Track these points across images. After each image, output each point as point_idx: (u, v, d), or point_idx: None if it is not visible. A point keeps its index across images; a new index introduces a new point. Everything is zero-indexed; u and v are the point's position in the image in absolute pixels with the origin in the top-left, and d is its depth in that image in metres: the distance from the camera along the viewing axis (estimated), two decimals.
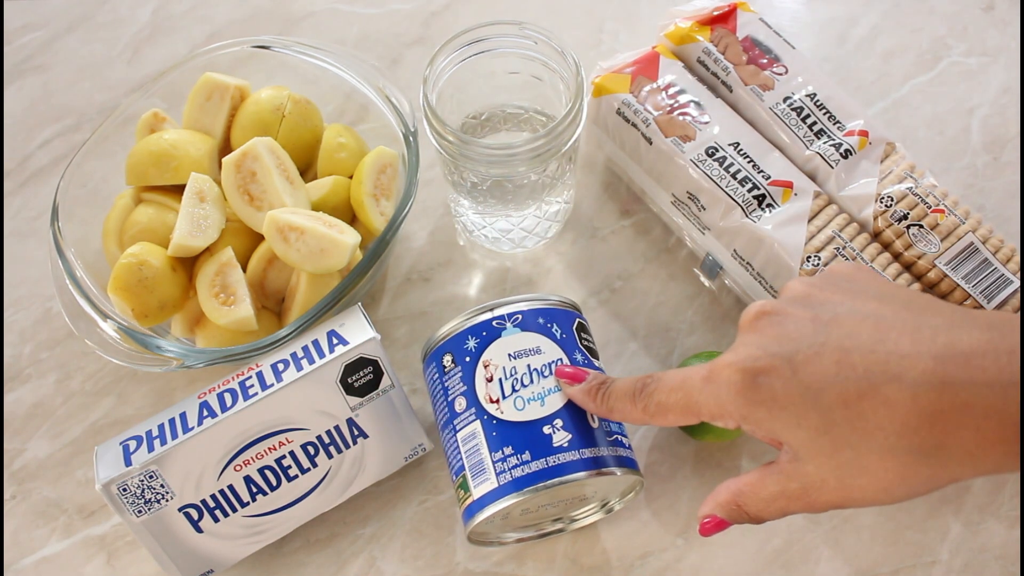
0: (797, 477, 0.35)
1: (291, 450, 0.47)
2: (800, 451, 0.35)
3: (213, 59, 0.59)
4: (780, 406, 0.34)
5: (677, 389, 0.38)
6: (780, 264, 0.51)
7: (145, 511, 0.45)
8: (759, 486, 0.37)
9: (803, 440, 0.34)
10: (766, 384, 0.34)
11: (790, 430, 0.34)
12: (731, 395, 0.35)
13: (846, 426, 0.33)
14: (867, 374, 0.33)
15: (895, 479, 0.33)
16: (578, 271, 0.60)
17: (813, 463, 0.34)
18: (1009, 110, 0.64)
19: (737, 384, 0.35)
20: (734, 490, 0.38)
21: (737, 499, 0.38)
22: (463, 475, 0.44)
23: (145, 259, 0.51)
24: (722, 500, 0.38)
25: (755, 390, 0.35)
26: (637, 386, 0.40)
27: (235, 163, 0.53)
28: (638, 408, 0.40)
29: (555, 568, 0.50)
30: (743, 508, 0.38)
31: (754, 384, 0.35)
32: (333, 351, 0.47)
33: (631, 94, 0.57)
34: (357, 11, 0.72)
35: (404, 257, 0.61)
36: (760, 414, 0.35)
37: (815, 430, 0.34)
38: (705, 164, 0.54)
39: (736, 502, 0.38)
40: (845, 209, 0.53)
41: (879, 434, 0.32)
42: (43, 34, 0.73)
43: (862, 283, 0.37)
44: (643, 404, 0.40)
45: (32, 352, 0.60)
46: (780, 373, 0.34)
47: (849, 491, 0.34)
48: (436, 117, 0.49)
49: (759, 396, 0.35)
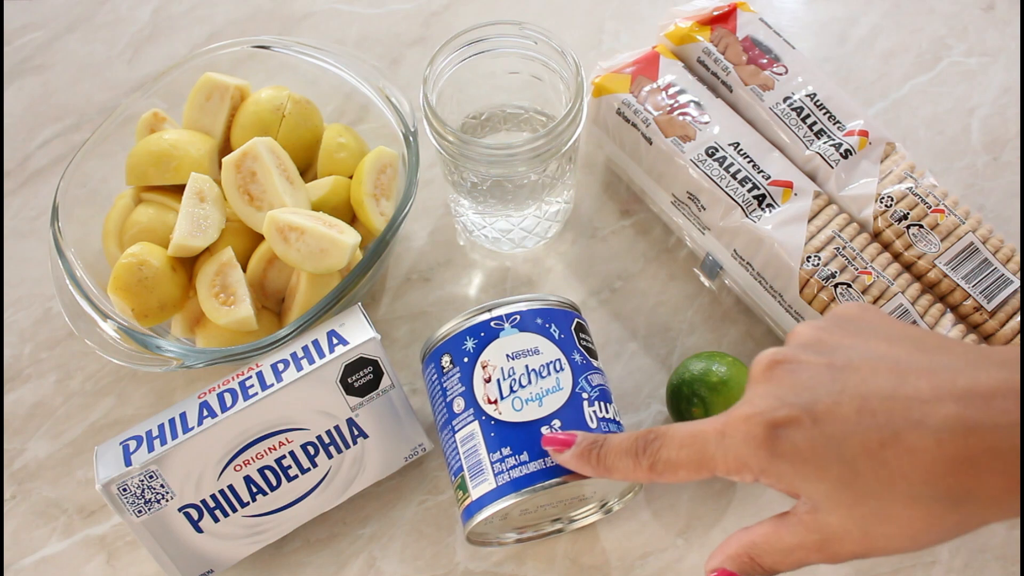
0: (817, 528, 0.34)
1: (291, 450, 0.47)
2: (821, 503, 0.33)
3: (213, 59, 0.59)
4: (802, 459, 0.33)
5: (687, 445, 0.36)
6: (780, 264, 0.51)
7: (145, 511, 0.45)
8: (774, 538, 0.35)
9: (825, 492, 0.33)
10: (787, 436, 0.33)
11: (811, 483, 0.33)
12: (751, 449, 0.34)
13: (870, 476, 0.32)
14: (888, 421, 0.32)
15: (922, 527, 0.32)
16: (578, 271, 0.60)
17: (835, 514, 0.33)
18: (1009, 110, 0.64)
19: (758, 438, 0.33)
20: (746, 542, 0.36)
21: (750, 551, 0.36)
22: (462, 475, 0.44)
23: (145, 259, 0.51)
24: (733, 553, 0.37)
25: (776, 443, 0.33)
26: (639, 444, 0.38)
27: (235, 163, 0.53)
28: (643, 467, 0.38)
29: (555, 568, 0.50)
30: (756, 560, 0.36)
31: (775, 437, 0.33)
32: (333, 351, 0.47)
33: (631, 94, 0.57)
34: (357, 11, 0.72)
35: (404, 257, 0.61)
36: (782, 468, 0.33)
37: (837, 481, 0.32)
38: (705, 164, 0.54)
39: (749, 555, 0.36)
40: (845, 209, 0.53)
41: (904, 482, 0.31)
42: (43, 34, 0.74)
43: (870, 323, 0.36)
44: (649, 462, 0.38)
45: (32, 352, 0.60)
46: (801, 424, 0.33)
47: (873, 540, 0.33)
48: (436, 117, 0.49)
49: (781, 449, 0.33)
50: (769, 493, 0.51)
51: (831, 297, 0.49)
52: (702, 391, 0.49)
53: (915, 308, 0.49)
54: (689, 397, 0.50)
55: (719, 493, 0.52)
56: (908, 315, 0.49)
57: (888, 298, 0.49)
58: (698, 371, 0.50)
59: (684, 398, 0.50)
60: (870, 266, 0.50)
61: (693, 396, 0.50)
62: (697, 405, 0.49)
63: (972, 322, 0.50)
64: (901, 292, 0.49)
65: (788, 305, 0.52)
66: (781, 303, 0.52)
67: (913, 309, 0.49)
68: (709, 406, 0.49)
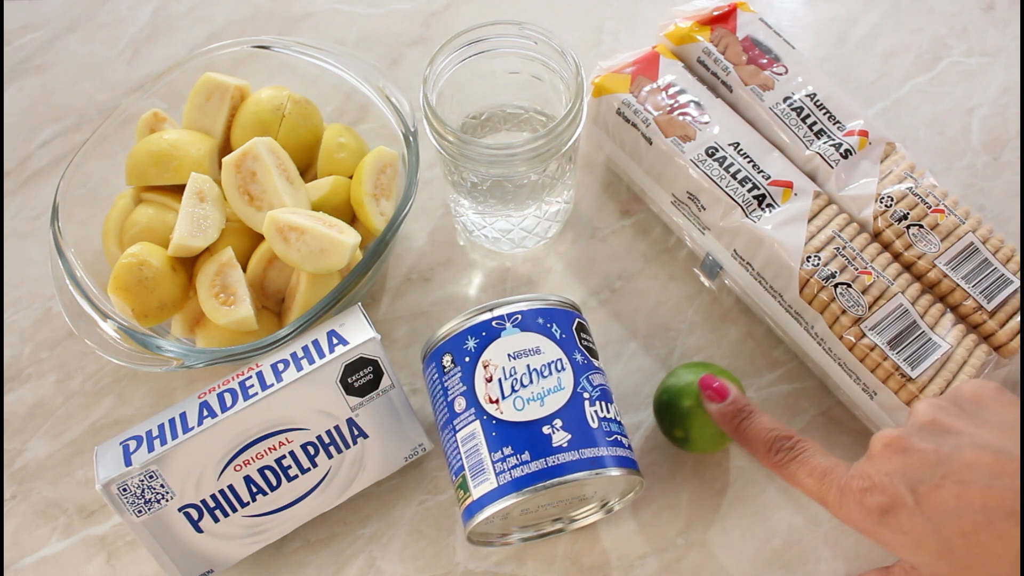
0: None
1: (291, 450, 0.47)
2: (921, 568, 0.39)
3: (213, 59, 0.59)
4: (903, 532, 0.38)
5: (817, 478, 0.41)
6: (780, 264, 0.51)
7: (145, 511, 0.45)
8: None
9: (924, 560, 0.38)
10: (892, 514, 0.38)
11: (911, 551, 0.38)
12: (860, 515, 0.39)
13: (965, 553, 0.36)
14: (984, 508, 0.36)
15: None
16: (578, 271, 0.60)
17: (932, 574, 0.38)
18: (1009, 110, 0.64)
19: (868, 509, 0.39)
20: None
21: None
22: (463, 475, 0.44)
23: (145, 259, 0.51)
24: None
25: (883, 517, 0.38)
26: (777, 444, 0.43)
27: (235, 163, 0.53)
28: (771, 461, 0.43)
29: (555, 568, 0.50)
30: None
31: (883, 512, 0.38)
32: (333, 351, 0.47)
33: (631, 94, 0.57)
34: (357, 11, 0.72)
35: (404, 257, 0.61)
36: (885, 536, 0.39)
37: (936, 554, 0.37)
38: (705, 164, 0.54)
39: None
40: (845, 209, 0.53)
41: (996, 562, 0.36)
42: (43, 34, 0.73)
43: (987, 407, 0.40)
44: (777, 461, 0.43)
45: (32, 352, 0.60)
46: (904, 505, 0.38)
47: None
48: (436, 117, 0.49)
49: (884, 522, 0.38)
50: (769, 494, 0.51)
51: (831, 297, 0.49)
52: (679, 414, 0.49)
53: (915, 308, 0.49)
54: (670, 419, 0.50)
55: (718, 493, 0.52)
56: (908, 315, 0.49)
57: (888, 298, 0.49)
58: (675, 391, 0.49)
59: (665, 419, 0.50)
60: (870, 266, 0.50)
61: (673, 418, 0.50)
62: (678, 427, 0.49)
63: (972, 322, 0.50)
64: (901, 292, 0.49)
65: (788, 305, 0.52)
66: (781, 303, 0.52)
67: (913, 309, 0.49)
68: (688, 428, 0.49)
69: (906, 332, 0.49)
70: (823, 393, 0.54)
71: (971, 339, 0.49)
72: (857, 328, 0.49)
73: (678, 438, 0.50)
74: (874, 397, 0.49)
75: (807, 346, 0.53)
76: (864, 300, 0.49)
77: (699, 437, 0.49)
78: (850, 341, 0.49)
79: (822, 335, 0.51)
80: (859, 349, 0.49)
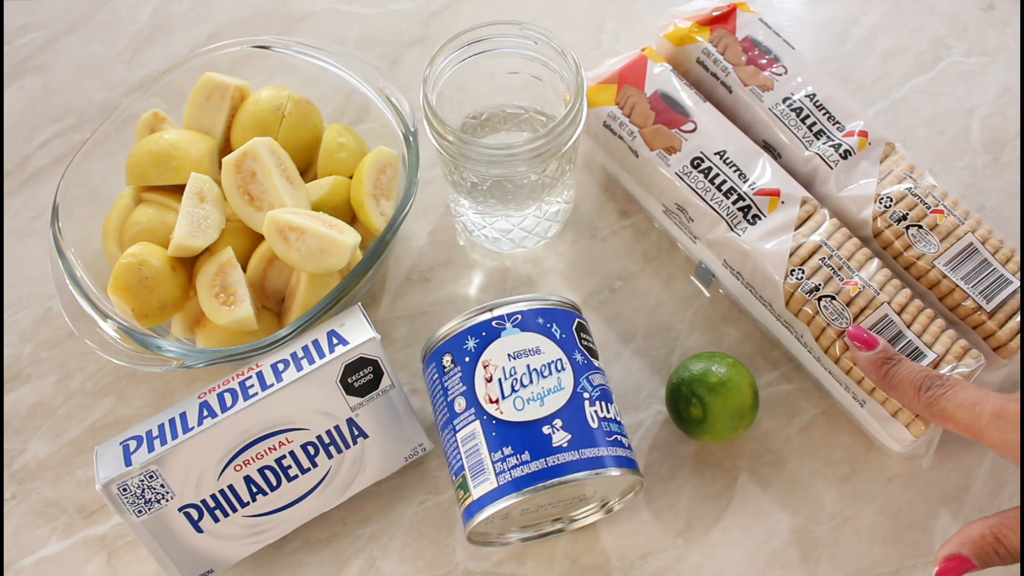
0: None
1: (291, 450, 0.47)
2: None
3: (213, 59, 0.59)
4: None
5: (967, 408, 0.41)
6: (766, 277, 0.51)
7: (145, 511, 0.45)
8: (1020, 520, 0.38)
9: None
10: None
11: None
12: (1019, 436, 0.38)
13: None
14: None
15: None
16: (578, 271, 0.60)
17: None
18: (1009, 110, 0.64)
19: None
20: (991, 523, 0.39)
21: (996, 531, 0.39)
22: (463, 475, 0.44)
23: (145, 259, 0.51)
24: (976, 535, 0.39)
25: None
26: (927, 382, 0.43)
27: (235, 163, 0.53)
28: (920, 402, 0.43)
29: (555, 568, 0.50)
30: (1003, 541, 0.39)
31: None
32: (333, 351, 0.47)
33: (617, 106, 0.57)
34: (357, 11, 0.72)
35: (404, 257, 0.61)
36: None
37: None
38: (690, 176, 0.54)
39: (995, 535, 0.39)
40: (844, 210, 0.53)
41: None
42: (43, 34, 0.73)
43: None
44: (927, 401, 0.43)
45: (32, 352, 0.60)
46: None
47: None
48: (436, 117, 0.49)
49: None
50: (769, 494, 0.51)
51: (815, 310, 0.49)
52: (701, 391, 0.49)
53: (902, 317, 0.48)
54: (688, 397, 0.50)
55: (719, 493, 0.52)
56: (894, 325, 0.48)
57: (874, 308, 0.49)
58: (697, 371, 0.50)
59: (683, 398, 0.50)
60: (857, 275, 0.50)
61: (692, 396, 0.50)
62: (696, 405, 0.49)
63: (972, 322, 0.50)
64: (888, 302, 0.49)
65: (778, 315, 0.52)
66: (771, 312, 0.52)
67: (899, 319, 0.48)
68: (707, 407, 0.49)
69: (891, 342, 0.48)
70: (823, 393, 0.54)
71: (960, 346, 0.48)
72: (843, 340, 0.49)
73: (694, 418, 0.50)
74: (864, 405, 0.49)
75: (799, 354, 0.53)
76: (848, 312, 0.49)
77: (717, 419, 0.49)
78: (835, 354, 0.49)
79: (810, 345, 0.50)
80: (844, 361, 0.49)
